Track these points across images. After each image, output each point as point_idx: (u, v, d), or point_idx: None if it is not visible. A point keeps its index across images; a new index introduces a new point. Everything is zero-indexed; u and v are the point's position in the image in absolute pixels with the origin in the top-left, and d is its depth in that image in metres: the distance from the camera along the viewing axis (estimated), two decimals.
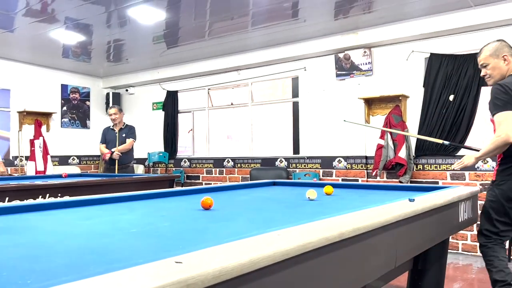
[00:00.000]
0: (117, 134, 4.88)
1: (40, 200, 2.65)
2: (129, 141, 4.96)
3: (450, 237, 3.06)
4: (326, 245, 1.06)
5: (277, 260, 0.89)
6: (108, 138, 4.98)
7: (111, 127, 5.05)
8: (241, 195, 2.46)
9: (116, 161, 4.74)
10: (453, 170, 4.29)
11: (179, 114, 6.99)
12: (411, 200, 1.76)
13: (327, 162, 5.38)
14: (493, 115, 2.30)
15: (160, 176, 4.39)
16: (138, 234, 1.24)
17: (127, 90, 7.45)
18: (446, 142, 3.01)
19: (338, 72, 5.27)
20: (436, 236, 1.99)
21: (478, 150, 2.65)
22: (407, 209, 1.58)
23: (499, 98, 2.25)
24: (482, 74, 2.43)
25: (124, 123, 5.07)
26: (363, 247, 1.29)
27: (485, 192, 2.61)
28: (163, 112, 7.04)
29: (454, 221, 2.21)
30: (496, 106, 2.24)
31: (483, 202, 2.63)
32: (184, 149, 7.13)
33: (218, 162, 6.40)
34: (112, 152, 4.74)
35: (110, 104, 7.31)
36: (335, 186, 2.74)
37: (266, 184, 3.20)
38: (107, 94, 7.52)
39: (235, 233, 1.20)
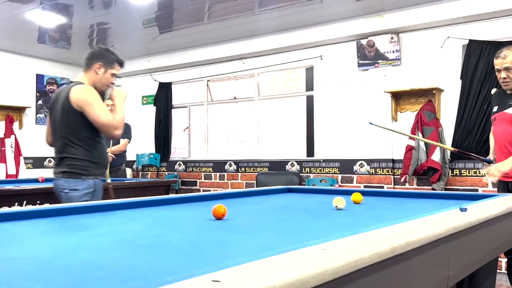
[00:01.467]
0: None
1: (18, 208, 2.62)
2: (123, 141, 4.96)
3: None
4: (377, 262, 1.03)
5: (327, 279, 0.85)
6: None
7: None
8: (254, 204, 2.47)
9: (108, 164, 4.72)
10: (487, 184, 4.37)
11: (173, 110, 6.99)
12: (463, 210, 1.73)
13: (346, 166, 5.35)
14: None
15: (155, 181, 4.37)
16: (147, 247, 1.22)
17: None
18: (457, 150, 3.43)
19: (360, 62, 5.24)
20: (489, 252, 1.96)
21: (490, 161, 3.07)
22: (461, 220, 1.55)
23: None
24: (502, 76, 2.81)
25: None
26: (415, 265, 1.26)
27: None
28: (155, 107, 7.04)
29: (507, 235, 2.17)
30: None
31: None
32: (178, 151, 7.11)
33: (219, 166, 6.37)
34: None
35: None
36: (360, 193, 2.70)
37: (280, 190, 3.21)
38: None
39: (265, 247, 1.17)
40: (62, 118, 2.73)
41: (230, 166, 6.28)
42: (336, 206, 2.18)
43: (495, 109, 3.07)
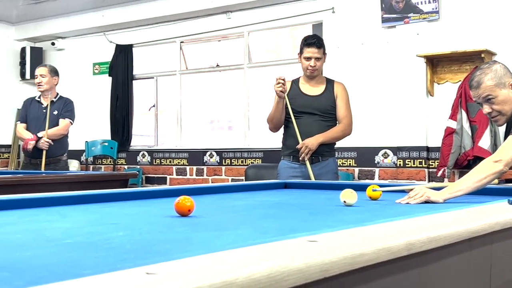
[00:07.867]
0: (46, 110, 4.84)
1: None
2: (64, 122, 4.93)
3: None
4: (386, 261, 1.02)
5: (311, 279, 0.85)
6: (31, 114, 4.95)
7: (36, 98, 5.04)
8: (237, 200, 2.54)
9: (44, 152, 4.70)
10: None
11: (134, 82, 6.99)
12: None
13: (366, 156, 5.37)
14: None
15: (106, 174, 4.36)
16: (75, 245, 1.24)
17: (53, 44, 7.43)
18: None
19: (385, 16, 5.24)
20: None
21: None
22: (510, 215, 1.55)
23: None
24: (486, 111, 2.68)
25: (58, 94, 5.05)
26: (442, 270, 1.26)
27: None
28: (110, 78, 7.04)
29: None
30: None
31: None
32: (141, 137, 7.12)
33: (196, 157, 6.39)
34: (39, 138, 4.70)
35: (28, 64, 7.26)
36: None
37: (274, 185, 3.30)
38: (23, 50, 7.49)
39: (235, 242, 1.19)
40: None
41: (211, 158, 6.26)
42: (345, 202, 2.18)
43: None
